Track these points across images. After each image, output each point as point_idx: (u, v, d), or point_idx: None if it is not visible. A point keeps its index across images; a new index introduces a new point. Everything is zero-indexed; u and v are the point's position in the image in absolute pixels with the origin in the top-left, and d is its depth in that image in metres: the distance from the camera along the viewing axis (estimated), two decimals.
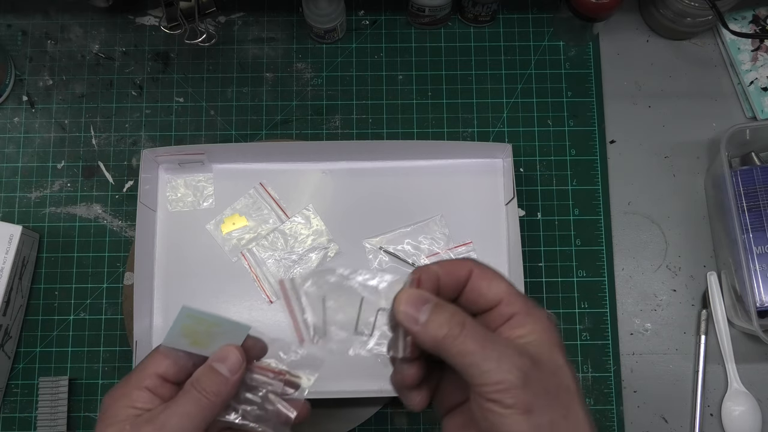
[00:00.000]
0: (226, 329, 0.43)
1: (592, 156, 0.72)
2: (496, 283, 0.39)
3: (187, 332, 0.42)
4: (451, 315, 0.37)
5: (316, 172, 0.70)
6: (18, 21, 0.75)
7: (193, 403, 0.40)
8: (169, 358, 0.42)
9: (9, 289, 0.63)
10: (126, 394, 0.41)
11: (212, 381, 0.41)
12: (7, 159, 0.71)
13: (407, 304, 0.38)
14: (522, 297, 0.39)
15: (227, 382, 0.41)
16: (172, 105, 0.73)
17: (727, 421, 0.66)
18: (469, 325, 0.37)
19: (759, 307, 0.64)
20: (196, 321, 0.42)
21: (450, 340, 0.37)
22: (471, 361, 0.36)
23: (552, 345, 0.37)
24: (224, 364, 0.42)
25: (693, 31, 0.73)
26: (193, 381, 0.41)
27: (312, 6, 0.68)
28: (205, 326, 0.42)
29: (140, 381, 0.41)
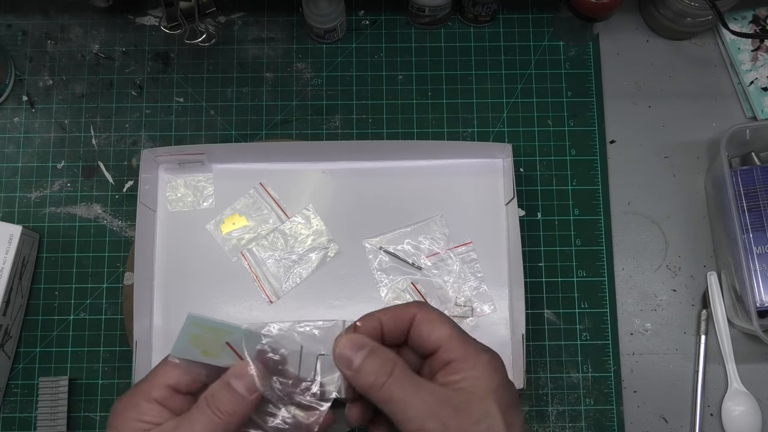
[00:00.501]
0: (236, 337, 0.41)
1: (592, 156, 0.72)
2: (438, 327, 0.40)
3: (197, 342, 0.40)
4: (381, 363, 0.38)
5: (316, 172, 0.70)
6: (18, 21, 0.75)
7: (207, 424, 0.38)
8: (181, 368, 0.40)
9: (9, 289, 0.63)
10: (134, 405, 0.39)
11: (229, 400, 0.39)
12: (7, 159, 0.71)
13: (343, 348, 0.39)
14: (463, 342, 0.39)
15: (244, 402, 0.39)
16: (172, 105, 0.73)
17: (727, 421, 0.66)
18: (397, 372, 0.38)
19: (759, 307, 0.64)
20: (205, 329, 0.40)
21: (377, 387, 0.38)
22: (395, 408, 0.37)
23: (486, 392, 0.38)
24: (242, 381, 0.39)
25: (693, 31, 0.73)
26: (208, 398, 0.39)
27: (312, 6, 0.68)
28: (214, 335, 0.40)
29: (149, 392, 0.39)
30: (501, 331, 0.67)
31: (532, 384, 0.67)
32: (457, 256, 0.68)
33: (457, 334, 0.40)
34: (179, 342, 0.40)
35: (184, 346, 0.40)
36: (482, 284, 0.67)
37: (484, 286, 0.67)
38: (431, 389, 0.38)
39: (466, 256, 0.68)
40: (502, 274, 0.68)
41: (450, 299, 0.67)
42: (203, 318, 0.40)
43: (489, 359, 0.39)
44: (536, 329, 0.68)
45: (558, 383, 0.67)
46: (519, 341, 0.63)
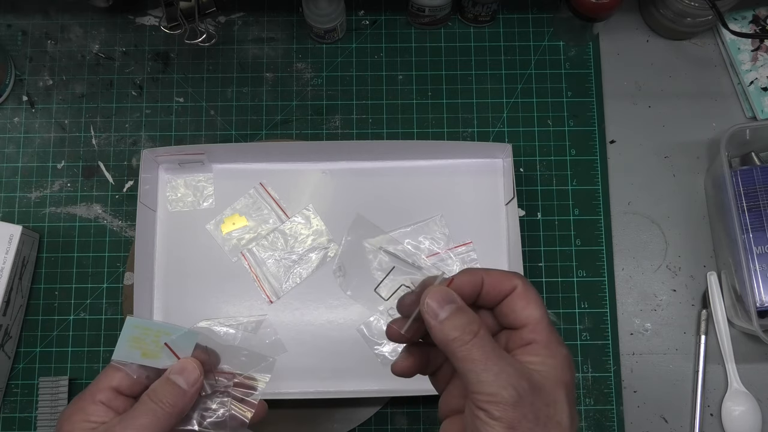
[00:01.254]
0: (174, 338, 0.44)
1: (592, 156, 0.72)
2: (532, 307, 0.40)
3: (136, 344, 0.43)
4: (468, 321, 0.39)
5: (316, 172, 0.70)
6: (18, 21, 0.75)
7: (150, 415, 0.41)
8: (122, 371, 0.43)
9: (9, 289, 0.63)
10: (80, 409, 0.41)
11: (170, 393, 0.42)
12: (7, 159, 0.71)
13: (433, 299, 0.40)
14: (549, 329, 0.39)
15: (185, 395, 0.42)
16: (172, 105, 0.73)
17: (727, 421, 0.66)
18: (481, 335, 0.38)
19: (759, 307, 0.64)
20: (143, 331, 0.43)
21: (459, 344, 0.38)
22: (471, 368, 0.37)
23: (558, 382, 0.38)
24: (182, 375, 0.42)
25: (693, 31, 0.73)
26: (150, 393, 0.42)
27: (312, 6, 0.68)
28: (152, 336, 0.43)
29: (94, 395, 0.42)
30: None
31: None
32: (457, 256, 0.68)
33: (547, 320, 0.40)
34: (119, 346, 0.43)
35: (125, 349, 0.43)
36: None
37: None
38: (512, 361, 0.38)
39: (466, 256, 0.68)
40: None
41: None
42: (141, 320, 0.43)
43: (567, 354, 0.39)
44: None
45: None
46: None
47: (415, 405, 0.67)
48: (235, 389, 0.45)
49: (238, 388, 0.46)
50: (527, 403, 0.36)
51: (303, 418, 0.66)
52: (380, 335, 0.66)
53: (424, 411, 0.67)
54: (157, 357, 0.43)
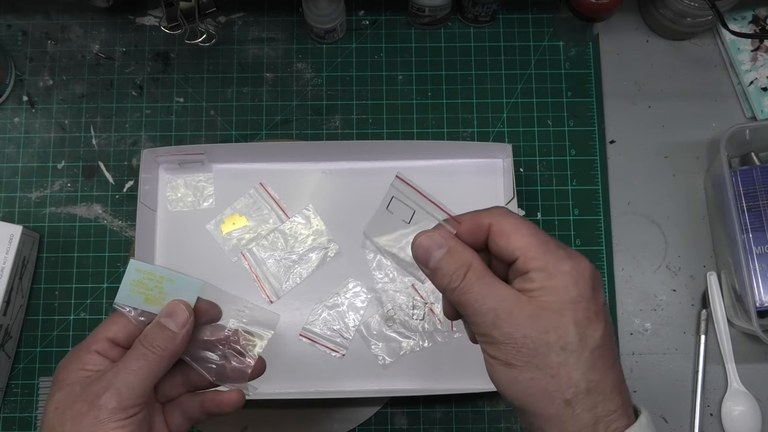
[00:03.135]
0: (178, 285, 0.43)
1: (592, 156, 0.72)
2: (514, 239, 0.38)
3: (140, 288, 0.43)
4: (457, 264, 0.38)
5: (316, 172, 0.70)
6: (18, 21, 0.75)
7: (141, 359, 0.41)
8: (119, 323, 0.43)
9: (9, 289, 0.63)
10: (76, 359, 0.42)
11: (160, 336, 0.41)
12: (7, 159, 0.71)
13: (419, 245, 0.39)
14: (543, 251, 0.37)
15: (175, 337, 0.42)
16: (172, 105, 0.73)
17: (727, 421, 0.66)
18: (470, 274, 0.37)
19: (759, 307, 0.64)
20: (147, 275, 0.43)
21: (451, 290, 0.38)
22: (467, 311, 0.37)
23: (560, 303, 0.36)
24: (171, 318, 0.42)
25: (693, 31, 0.73)
26: (141, 337, 0.42)
27: (312, 6, 0.68)
28: (156, 281, 0.43)
29: (89, 345, 0.42)
30: None
31: None
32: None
33: (537, 242, 0.37)
34: (122, 289, 0.42)
35: (127, 292, 0.43)
36: None
37: None
38: (503, 294, 0.37)
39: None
40: None
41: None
42: (145, 264, 0.43)
43: (570, 269, 0.37)
44: None
45: None
46: None
47: (415, 405, 0.67)
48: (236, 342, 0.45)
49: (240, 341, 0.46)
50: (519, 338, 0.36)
51: (303, 418, 0.66)
52: (379, 335, 0.66)
53: (424, 411, 0.67)
54: (159, 303, 0.43)
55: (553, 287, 0.36)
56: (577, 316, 0.36)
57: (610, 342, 0.37)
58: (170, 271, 0.43)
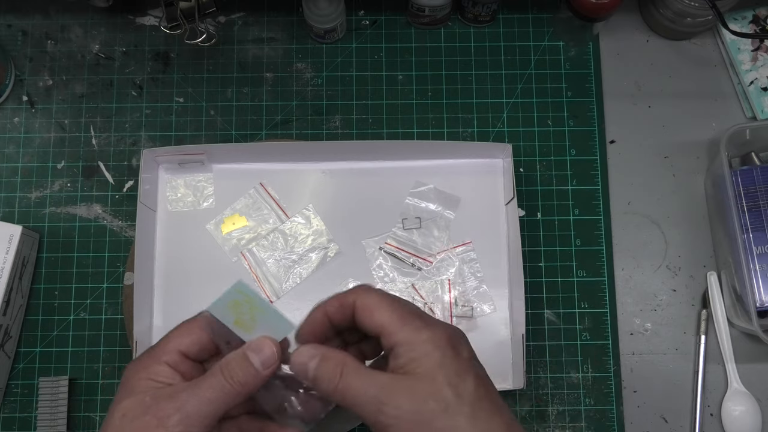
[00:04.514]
0: (270, 320, 0.43)
1: (592, 156, 0.72)
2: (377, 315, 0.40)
3: (234, 309, 0.42)
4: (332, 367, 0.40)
5: (316, 172, 0.70)
6: (18, 21, 0.75)
7: (218, 390, 0.40)
8: (192, 336, 0.42)
9: (9, 289, 0.63)
10: (146, 367, 0.41)
11: (242, 371, 0.40)
12: (7, 159, 0.71)
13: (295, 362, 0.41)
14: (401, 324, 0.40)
15: (257, 375, 0.41)
16: (172, 105, 0.73)
17: (727, 421, 0.66)
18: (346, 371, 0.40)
19: (759, 307, 0.64)
20: (246, 299, 0.42)
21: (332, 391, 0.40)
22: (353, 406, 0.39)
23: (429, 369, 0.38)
24: (258, 355, 0.41)
25: (693, 31, 0.73)
26: (223, 366, 0.40)
27: (312, 6, 0.68)
28: (251, 308, 0.42)
29: (161, 356, 0.41)
30: (501, 331, 0.67)
31: (532, 384, 0.67)
32: (457, 256, 0.68)
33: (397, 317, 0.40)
34: (219, 302, 0.42)
35: (222, 308, 0.42)
36: (482, 284, 0.67)
37: (483, 286, 0.67)
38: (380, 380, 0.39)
39: (466, 256, 0.68)
40: (502, 274, 0.68)
41: (449, 299, 0.67)
42: (249, 288, 0.42)
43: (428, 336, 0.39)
44: (536, 329, 0.68)
45: (558, 383, 0.67)
46: (519, 341, 0.63)
47: None
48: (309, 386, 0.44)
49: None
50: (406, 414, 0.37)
51: None
52: None
53: None
54: (248, 330, 0.42)
55: (418, 357, 0.39)
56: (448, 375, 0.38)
57: (485, 390, 0.39)
58: (268, 305, 0.43)
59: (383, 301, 0.41)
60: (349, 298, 0.42)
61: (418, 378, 0.38)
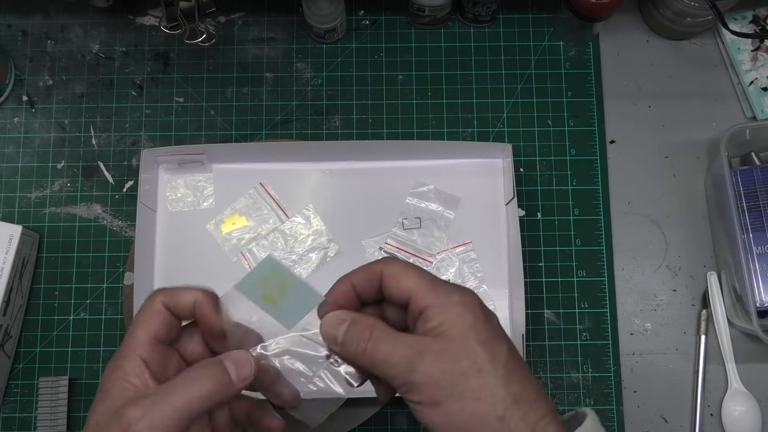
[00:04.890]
0: (299, 292, 0.42)
1: (592, 156, 0.72)
2: (404, 280, 0.40)
3: (262, 283, 0.42)
4: (362, 330, 0.40)
5: (316, 172, 0.70)
6: (18, 21, 0.75)
7: (185, 394, 0.38)
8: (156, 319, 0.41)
9: (9, 289, 0.63)
10: (118, 366, 0.40)
11: (215, 378, 0.39)
12: (7, 159, 0.71)
13: (326, 329, 0.41)
14: (431, 287, 0.40)
15: (230, 387, 0.40)
16: (172, 105, 0.73)
17: (727, 421, 0.66)
18: (376, 334, 0.39)
19: (759, 307, 0.64)
20: (275, 273, 0.42)
21: (360, 354, 0.39)
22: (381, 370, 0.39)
23: (462, 330, 0.38)
24: (234, 366, 0.40)
25: (693, 31, 0.73)
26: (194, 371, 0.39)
27: (312, 6, 0.68)
28: (280, 281, 0.42)
29: (133, 349, 0.40)
30: None
31: None
32: (457, 256, 0.68)
33: (425, 281, 0.40)
34: (248, 279, 0.42)
35: (251, 284, 0.42)
36: (482, 284, 0.67)
37: (483, 286, 0.67)
38: (410, 341, 0.39)
39: (466, 256, 0.68)
40: (502, 274, 0.68)
41: None
42: (279, 264, 0.42)
43: (459, 298, 0.39)
44: (536, 329, 0.68)
45: (558, 383, 0.67)
46: (519, 341, 0.63)
47: None
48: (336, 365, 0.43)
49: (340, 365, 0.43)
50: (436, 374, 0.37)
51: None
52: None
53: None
54: (275, 303, 0.42)
55: (450, 318, 0.38)
56: (481, 337, 0.38)
57: (517, 356, 0.39)
58: (298, 277, 0.43)
59: (411, 268, 0.41)
60: (375, 267, 0.42)
61: (450, 339, 0.38)
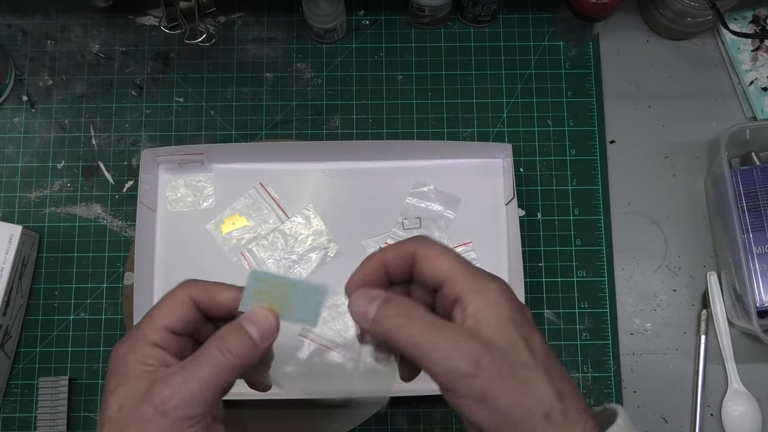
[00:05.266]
0: (302, 292, 0.40)
1: (592, 156, 0.72)
2: (439, 262, 0.38)
3: (262, 299, 0.40)
4: (398, 307, 0.37)
5: (316, 172, 0.70)
6: (18, 21, 0.75)
7: (213, 366, 0.37)
8: (178, 312, 0.39)
9: (9, 289, 0.63)
10: (135, 349, 0.38)
11: (239, 342, 0.38)
12: (7, 159, 0.71)
13: (356, 303, 0.39)
14: (468, 272, 0.38)
15: (255, 347, 0.38)
16: (172, 105, 0.73)
17: (727, 421, 0.66)
18: (417, 314, 0.37)
19: (759, 307, 0.64)
20: (269, 285, 0.40)
21: (396, 330, 0.37)
22: (420, 352, 0.36)
23: (501, 319, 0.36)
24: (255, 326, 0.38)
25: (693, 31, 0.73)
26: (216, 340, 0.38)
27: (312, 6, 0.68)
28: (279, 291, 0.40)
29: (147, 335, 0.38)
30: None
31: None
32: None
33: (461, 265, 0.38)
34: (246, 300, 0.40)
35: (251, 304, 0.40)
36: None
37: None
38: (455, 327, 0.36)
39: (466, 256, 0.68)
40: (502, 274, 0.68)
41: None
42: (265, 273, 0.40)
43: (497, 287, 0.37)
44: None
45: None
46: None
47: (414, 405, 0.67)
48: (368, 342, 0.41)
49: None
50: (487, 364, 0.35)
51: (303, 417, 0.66)
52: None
53: (423, 411, 0.67)
54: (287, 314, 0.40)
55: (488, 307, 0.37)
56: (520, 330, 0.36)
57: (550, 348, 0.38)
58: (293, 279, 0.41)
59: (446, 250, 0.39)
60: (408, 246, 0.39)
61: (491, 328, 0.36)
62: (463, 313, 0.37)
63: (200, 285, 0.40)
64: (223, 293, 0.40)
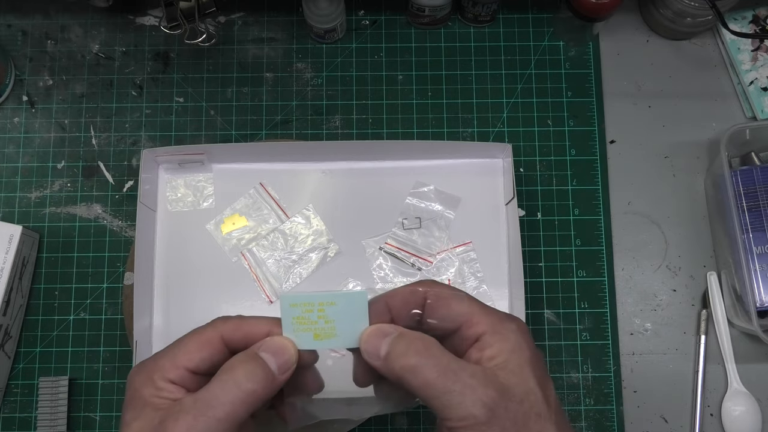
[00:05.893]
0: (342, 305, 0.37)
1: (592, 156, 0.72)
2: (456, 304, 0.37)
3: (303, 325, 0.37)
4: (411, 344, 0.36)
5: (316, 172, 0.70)
6: (18, 21, 0.75)
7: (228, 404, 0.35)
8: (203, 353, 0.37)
9: (9, 289, 0.63)
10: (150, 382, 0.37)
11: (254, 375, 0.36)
12: (7, 159, 0.71)
13: (368, 341, 0.37)
14: (486, 313, 0.37)
15: (273, 381, 0.36)
16: (172, 105, 0.73)
17: (727, 421, 0.66)
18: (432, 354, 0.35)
19: (759, 307, 0.64)
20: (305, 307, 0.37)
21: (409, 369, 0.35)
22: (433, 393, 0.35)
23: (521, 365, 0.35)
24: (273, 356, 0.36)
25: (693, 31, 0.73)
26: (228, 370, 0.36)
27: (312, 6, 0.68)
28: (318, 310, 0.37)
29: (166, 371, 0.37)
30: None
31: None
32: (457, 256, 0.68)
33: (479, 306, 0.37)
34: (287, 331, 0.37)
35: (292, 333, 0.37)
36: (482, 284, 0.67)
37: (483, 286, 0.67)
38: (472, 371, 0.35)
39: (466, 256, 0.68)
40: (502, 274, 0.68)
41: None
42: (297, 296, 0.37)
43: (516, 328, 0.37)
44: (536, 329, 0.68)
45: (558, 383, 0.67)
46: None
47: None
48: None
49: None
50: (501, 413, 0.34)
51: None
52: None
53: (424, 411, 0.67)
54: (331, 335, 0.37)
55: (510, 350, 0.36)
56: (537, 375, 0.36)
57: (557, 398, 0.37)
58: (327, 294, 0.37)
59: (459, 292, 0.38)
60: (416, 290, 0.38)
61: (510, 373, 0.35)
62: (480, 354, 0.36)
63: (232, 323, 0.38)
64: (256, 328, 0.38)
